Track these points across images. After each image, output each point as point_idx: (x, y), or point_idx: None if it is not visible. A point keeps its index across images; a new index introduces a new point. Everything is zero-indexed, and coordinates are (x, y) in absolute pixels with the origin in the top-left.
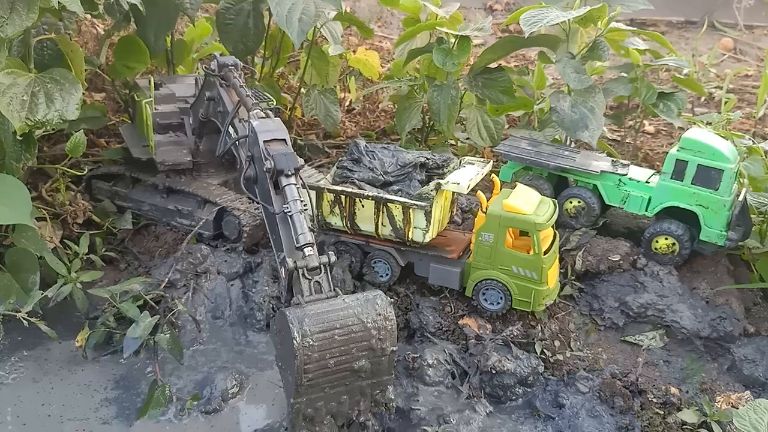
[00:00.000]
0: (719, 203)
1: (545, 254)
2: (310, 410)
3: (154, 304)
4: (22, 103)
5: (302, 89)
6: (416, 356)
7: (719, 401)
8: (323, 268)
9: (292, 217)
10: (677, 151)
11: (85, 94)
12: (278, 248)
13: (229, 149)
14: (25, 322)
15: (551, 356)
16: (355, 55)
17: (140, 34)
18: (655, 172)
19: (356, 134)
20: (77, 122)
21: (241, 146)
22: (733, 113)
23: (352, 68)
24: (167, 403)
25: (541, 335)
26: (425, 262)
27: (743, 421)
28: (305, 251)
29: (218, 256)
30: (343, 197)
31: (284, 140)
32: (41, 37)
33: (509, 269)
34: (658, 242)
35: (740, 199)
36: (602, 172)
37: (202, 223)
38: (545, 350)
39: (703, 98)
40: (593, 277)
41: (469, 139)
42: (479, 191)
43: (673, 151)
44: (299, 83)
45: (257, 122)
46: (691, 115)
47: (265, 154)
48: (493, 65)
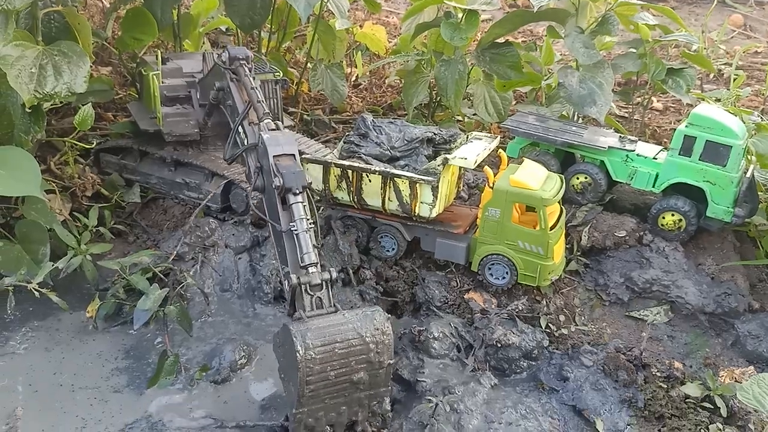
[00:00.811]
0: (727, 179)
1: (551, 230)
2: (311, 420)
3: (162, 276)
4: (30, 75)
5: (309, 64)
6: (422, 329)
7: (723, 376)
8: (325, 284)
9: (298, 236)
10: (686, 127)
11: (91, 67)
12: (283, 261)
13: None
14: (36, 293)
15: (556, 330)
16: (362, 29)
17: (147, 6)
18: (662, 148)
19: (363, 109)
20: (85, 95)
21: (250, 154)
22: (742, 90)
23: (358, 43)
24: (177, 373)
25: (546, 310)
26: (431, 236)
27: (747, 394)
28: (309, 269)
29: (226, 229)
30: (350, 172)
31: (293, 155)
32: (48, 9)
33: (515, 244)
34: (664, 218)
35: (748, 175)
36: (610, 148)
37: (210, 196)
38: (550, 324)
39: (712, 75)
40: (599, 252)
41: (476, 114)
42: (486, 166)
43: (681, 127)
44: (306, 58)
45: (267, 135)
46: (699, 91)
47: (274, 170)
48: (501, 40)
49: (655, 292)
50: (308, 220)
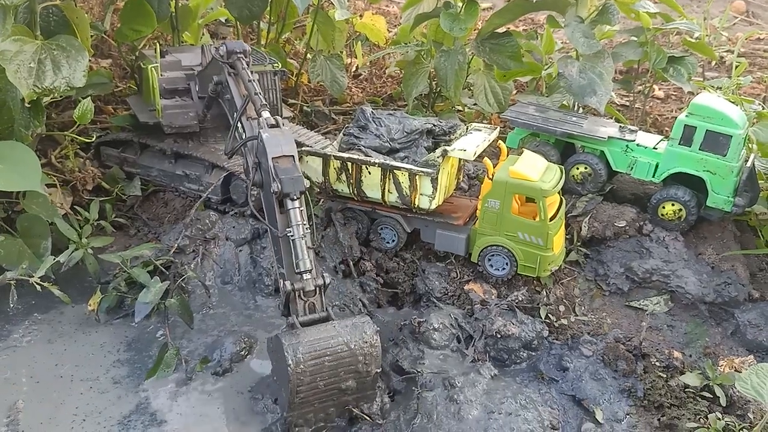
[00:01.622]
0: (727, 169)
1: (551, 220)
2: (301, 420)
3: (164, 269)
4: (29, 70)
5: (308, 55)
6: (422, 320)
7: (722, 365)
8: (318, 290)
9: (294, 242)
10: (686, 116)
11: (91, 60)
12: (279, 262)
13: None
14: (38, 286)
15: (556, 321)
16: (361, 20)
17: None
18: (662, 138)
19: (363, 100)
20: (84, 88)
21: (248, 149)
22: (743, 78)
23: (358, 33)
24: (176, 365)
25: (545, 300)
26: (431, 228)
27: (745, 384)
28: (303, 276)
29: (226, 222)
30: (349, 164)
31: (292, 157)
32: (46, 3)
33: (515, 235)
34: (664, 208)
35: (748, 164)
36: (610, 138)
37: (211, 189)
38: (550, 315)
39: (713, 62)
40: (599, 242)
41: (476, 104)
42: (486, 158)
43: (681, 116)
44: (305, 49)
45: (267, 135)
46: (701, 79)
47: (273, 173)
48: (500, 30)
49: (655, 281)
50: (305, 225)
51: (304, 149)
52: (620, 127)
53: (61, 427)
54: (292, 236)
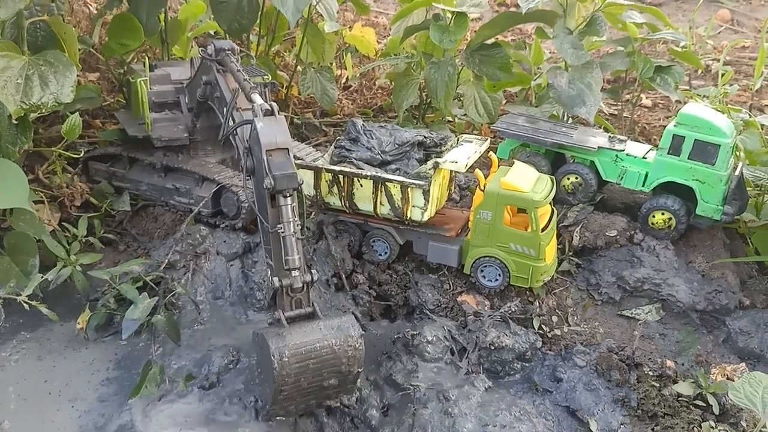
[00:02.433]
0: (716, 178)
1: (543, 231)
2: (282, 411)
3: (153, 285)
4: (16, 86)
5: (298, 67)
6: (416, 333)
7: (714, 373)
8: (306, 286)
9: (284, 238)
10: (674, 126)
11: (78, 74)
12: (268, 255)
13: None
14: (25, 305)
15: (549, 331)
16: (351, 31)
17: (133, 12)
18: (651, 147)
19: (353, 112)
20: (72, 103)
21: (239, 135)
22: (730, 86)
23: (348, 45)
24: (161, 383)
25: (538, 311)
26: (424, 240)
27: (738, 393)
28: (291, 273)
29: (217, 236)
30: (341, 177)
31: (287, 150)
32: (34, 18)
33: (507, 246)
34: (654, 217)
35: (737, 173)
36: (599, 148)
37: (203, 203)
38: (543, 325)
39: (700, 71)
40: (590, 252)
41: (466, 115)
42: (477, 169)
43: (670, 126)
44: (295, 61)
45: (261, 124)
46: (688, 88)
47: (266, 168)
48: (490, 41)
49: (646, 290)
50: (296, 222)
51: (296, 163)
52: (610, 136)
53: None
54: (282, 233)
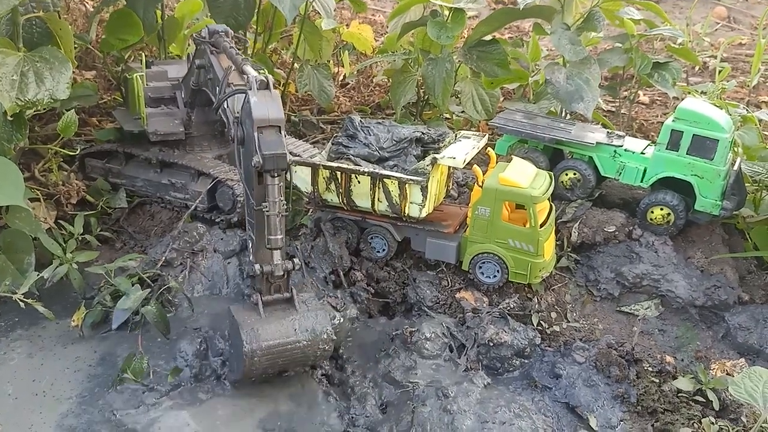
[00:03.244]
0: (714, 173)
1: (541, 227)
2: (248, 379)
3: (150, 282)
4: (11, 83)
5: (295, 64)
6: (414, 330)
7: (714, 369)
8: (286, 274)
9: (268, 217)
10: (672, 121)
11: (75, 72)
12: (251, 229)
13: (219, 109)
14: (21, 303)
15: (548, 328)
16: (348, 29)
17: (129, 8)
18: (650, 143)
19: (351, 109)
20: (69, 101)
21: (229, 104)
22: (727, 82)
23: (345, 42)
24: (144, 375)
25: (537, 307)
26: (422, 236)
27: (739, 388)
28: (273, 256)
29: (214, 234)
30: (338, 174)
31: (279, 128)
32: (29, 15)
33: (505, 242)
34: (653, 213)
35: (735, 168)
36: (598, 143)
37: (199, 200)
38: (542, 322)
39: (697, 68)
40: (589, 248)
41: (464, 112)
42: (475, 165)
43: (668, 121)
44: (292, 58)
45: (255, 99)
46: (685, 84)
47: (256, 145)
48: (487, 37)
49: (645, 286)
50: (282, 202)
51: (293, 159)
52: (608, 132)
53: None
54: (267, 212)
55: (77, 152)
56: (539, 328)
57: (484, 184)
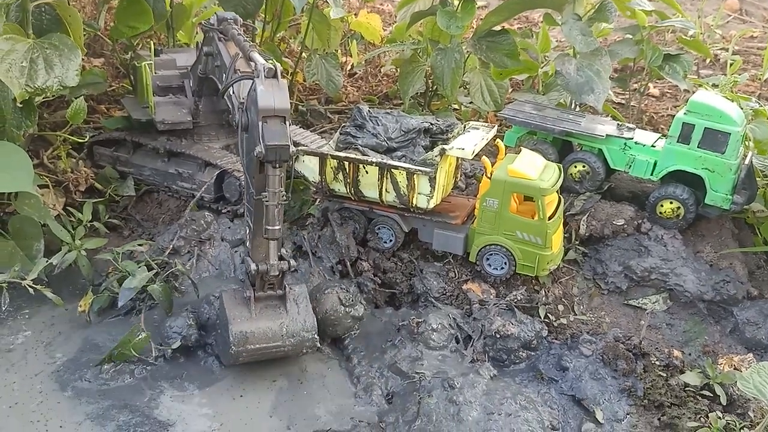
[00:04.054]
0: (725, 167)
1: (550, 219)
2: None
3: (159, 269)
4: (21, 69)
5: (303, 53)
6: (420, 321)
7: (722, 363)
8: (281, 274)
9: (267, 207)
10: (684, 114)
11: (83, 59)
12: (249, 215)
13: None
14: (30, 289)
15: (555, 320)
16: (356, 18)
17: None
18: (660, 135)
19: (358, 99)
20: (78, 88)
21: (234, 89)
22: (739, 75)
23: (353, 32)
24: (144, 350)
25: (544, 300)
26: (429, 227)
27: (747, 384)
28: (269, 255)
29: (222, 223)
30: (346, 163)
31: (284, 118)
32: (39, 2)
33: (513, 234)
34: (663, 206)
35: (746, 162)
36: (608, 136)
37: (204, 188)
38: (549, 314)
39: (708, 60)
40: (597, 241)
41: (472, 103)
42: (484, 156)
43: (680, 114)
44: (300, 47)
45: (261, 87)
46: (696, 77)
47: (259, 135)
48: (497, 28)
49: (653, 280)
50: (281, 193)
51: (300, 148)
52: (618, 125)
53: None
54: (266, 201)
55: (86, 140)
56: (546, 320)
57: (492, 175)
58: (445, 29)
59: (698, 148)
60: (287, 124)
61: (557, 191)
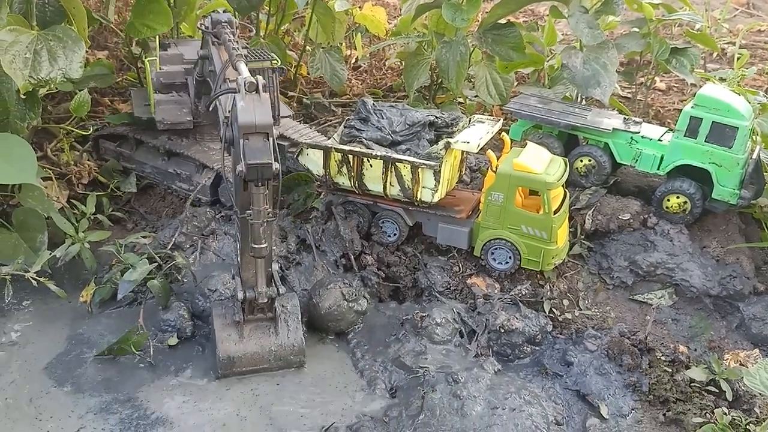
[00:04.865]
0: (733, 161)
1: (555, 213)
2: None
3: (162, 263)
4: (24, 61)
5: (308, 47)
6: (424, 315)
7: (728, 359)
8: (270, 300)
9: (252, 226)
10: (692, 108)
11: (87, 51)
12: (237, 230)
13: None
14: (34, 281)
15: (560, 315)
16: (361, 11)
17: None
18: (667, 130)
19: (363, 92)
20: (85, 80)
21: (221, 102)
22: (747, 69)
23: (358, 24)
24: (143, 346)
25: (549, 294)
26: (434, 221)
27: (754, 380)
28: (258, 282)
29: (223, 219)
30: (351, 157)
31: (266, 134)
32: None
33: (518, 228)
34: (669, 201)
35: (754, 157)
36: (614, 130)
37: (198, 189)
38: (554, 309)
39: (715, 54)
40: (603, 236)
41: (477, 96)
42: (489, 150)
43: (687, 108)
44: (304, 40)
45: (242, 103)
46: (703, 71)
47: (241, 153)
48: (502, 21)
49: (659, 275)
50: (267, 210)
51: (305, 141)
52: (624, 118)
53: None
54: (251, 220)
55: (89, 132)
56: (551, 315)
57: (498, 169)
58: (450, 22)
59: (705, 142)
60: (270, 140)
61: (563, 185)
